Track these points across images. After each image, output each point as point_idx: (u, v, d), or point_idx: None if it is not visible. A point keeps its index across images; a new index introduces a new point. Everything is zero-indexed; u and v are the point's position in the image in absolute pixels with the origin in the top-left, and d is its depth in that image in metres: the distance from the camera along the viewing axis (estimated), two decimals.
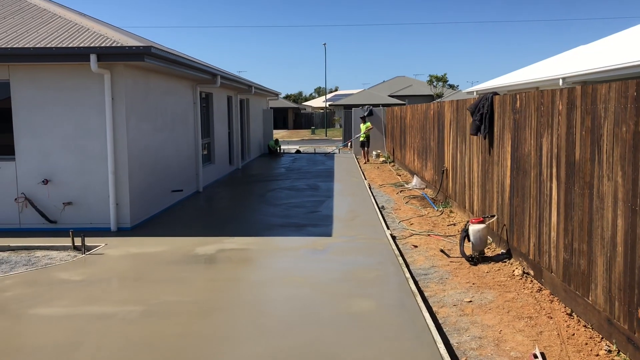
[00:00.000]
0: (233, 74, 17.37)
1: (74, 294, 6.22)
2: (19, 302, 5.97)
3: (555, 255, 5.93)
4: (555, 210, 5.94)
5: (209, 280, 6.73)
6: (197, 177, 13.70)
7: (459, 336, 5.08)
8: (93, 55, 8.61)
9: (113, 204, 9.25)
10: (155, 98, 10.70)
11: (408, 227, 9.79)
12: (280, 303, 5.95)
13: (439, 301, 6.01)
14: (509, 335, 5.07)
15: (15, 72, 9.20)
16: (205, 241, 8.62)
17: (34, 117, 9.25)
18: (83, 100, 9.19)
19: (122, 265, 7.36)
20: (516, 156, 7.21)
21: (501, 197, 7.86)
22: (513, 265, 7.15)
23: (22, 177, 9.36)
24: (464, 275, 6.89)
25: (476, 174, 9.25)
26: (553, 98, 5.99)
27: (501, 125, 7.87)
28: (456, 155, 10.81)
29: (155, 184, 10.67)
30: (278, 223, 10.04)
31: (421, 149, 15.10)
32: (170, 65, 10.10)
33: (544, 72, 16.22)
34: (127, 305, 5.82)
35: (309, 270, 7.09)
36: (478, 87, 21.71)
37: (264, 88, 22.67)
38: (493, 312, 5.65)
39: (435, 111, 13.11)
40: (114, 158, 9.21)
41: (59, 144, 9.28)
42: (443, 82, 55.11)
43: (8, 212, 9.40)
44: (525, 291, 6.23)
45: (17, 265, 7.50)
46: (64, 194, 9.35)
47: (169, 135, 11.54)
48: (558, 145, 5.87)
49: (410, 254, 8.00)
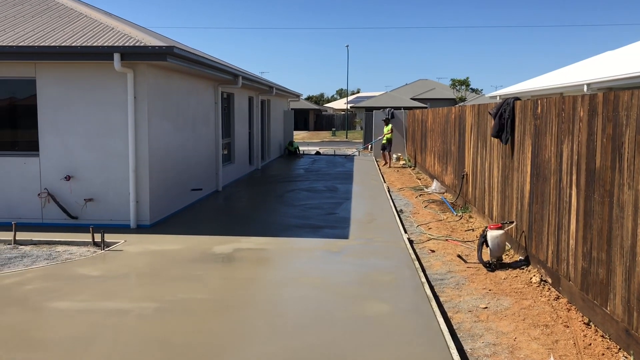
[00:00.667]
0: (254, 75, 17.47)
1: (92, 289, 6.32)
2: (39, 295, 6.08)
3: (574, 263, 5.85)
4: (574, 218, 5.86)
5: (225, 278, 6.78)
6: (217, 176, 13.80)
7: (472, 342, 5.04)
8: (117, 54, 8.74)
9: (133, 201, 9.37)
10: (177, 97, 10.82)
11: (426, 232, 9.74)
12: (295, 304, 5.97)
13: (454, 307, 5.97)
14: (523, 343, 5.01)
15: (41, 70, 9.38)
16: (222, 240, 8.69)
17: (58, 115, 9.42)
18: (106, 99, 9.34)
19: (140, 262, 7.45)
20: (536, 162, 7.13)
21: (520, 203, 7.77)
22: (531, 272, 7.07)
23: (46, 173, 9.53)
24: (481, 282, 6.83)
25: (496, 179, 9.16)
26: (574, 104, 5.91)
27: (522, 130, 7.79)
28: (476, 160, 10.72)
29: (175, 182, 10.78)
30: (295, 224, 10.07)
31: (442, 153, 15.01)
32: (192, 65, 10.20)
33: (568, 77, 16.00)
34: (143, 301, 5.90)
35: (325, 272, 7.10)
36: (501, 91, 21.50)
37: (285, 89, 22.75)
38: (508, 319, 5.60)
39: (457, 115, 13.02)
40: (135, 156, 9.33)
41: (82, 141, 9.43)
42: (466, 85, 54.68)
43: (31, 207, 9.58)
44: (542, 299, 6.15)
45: (38, 259, 7.64)
46: (85, 191, 9.50)
47: (190, 135, 11.65)
48: (578, 152, 5.79)
49: (427, 259, 7.95)
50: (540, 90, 16.70)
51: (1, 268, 7.17)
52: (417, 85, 63.71)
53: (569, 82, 14.66)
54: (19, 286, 6.39)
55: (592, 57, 19.93)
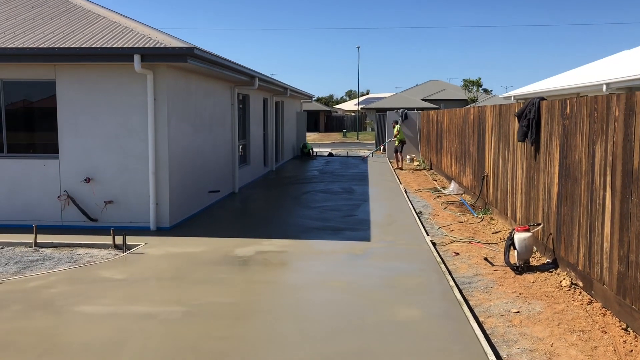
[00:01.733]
0: (269, 77, 17.41)
1: (117, 292, 6.26)
2: (64, 299, 6.03)
3: (608, 267, 5.71)
4: (609, 220, 5.72)
5: (249, 282, 6.70)
6: (234, 178, 13.75)
7: (508, 348, 4.92)
8: (137, 56, 8.70)
9: (153, 204, 9.32)
10: (195, 99, 10.77)
11: (448, 234, 9.61)
12: (323, 308, 5.87)
13: (485, 311, 5.85)
14: (561, 349, 4.88)
15: (61, 71, 9.36)
16: (243, 242, 8.61)
17: (77, 116, 9.39)
18: (126, 100, 9.30)
19: (162, 265, 7.39)
20: (565, 163, 6.99)
21: (547, 205, 7.63)
22: (560, 275, 6.93)
23: (65, 175, 9.51)
24: (510, 285, 6.70)
25: (520, 180, 9.02)
26: (609, 104, 5.78)
27: (549, 131, 7.65)
28: (498, 161, 10.58)
29: (193, 184, 10.73)
30: (314, 226, 9.97)
31: (459, 154, 14.87)
32: (211, 67, 10.14)
33: (586, 77, 15.79)
34: (169, 305, 5.82)
35: (350, 275, 6.99)
36: (515, 92, 21.29)
37: (299, 90, 22.68)
38: (542, 323, 5.47)
39: (476, 116, 12.88)
40: (155, 158, 9.28)
41: (102, 143, 9.40)
42: (477, 86, 54.40)
43: (51, 209, 9.56)
44: (575, 303, 6.02)
45: (60, 262, 7.60)
46: (105, 193, 9.46)
47: (208, 136, 11.60)
48: (613, 152, 5.65)
49: (452, 262, 7.83)
50: (556, 91, 16.50)
51: (24, 271, 7.13)
52: (428, 86, 63.48)
53: (587, 82, 14.45)
54: (44, 289, 6.34)
55: (609, 57, 19.69)
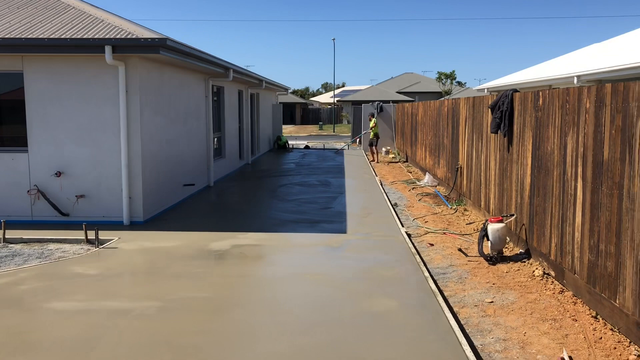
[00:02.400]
0: (244, 68, 17.26)
1: (90, 288, 6.15)
2: (34, 295, 5.90)
3: (579, 256, 5.82)
4: (580, 211, 5.82)
5: (225, 276, 6.65)
6: (209, 171, 13.62)
7: (482, 338, 4.98)
8: (108, 47, 8.53)
9: (126, 198, 9.18)
10: (168, 91, 10.62)
11: (422, 225, 9.68)
12: (299, 300, 5.87)
13: (460, 301, 5.91)
14: (534, 337, 4.96)
15: (29, 63, 9.12)
16: (218, 236, 8.54)
17: (47, 109, 9.18)
18: (97, 92, 9.12)
19: (136, 260, 7.29)
20: (537, 154, 7.08)
21: (520, 196, 7.73)
22: (533, 265, 7.03)
23: (35, 169, 9.30)
24: (483, 275, 6.78)
25: (493, 172, 9.12)
26: (580, 96, 5.86)
27: (521, 122, 7.74)
28: (472, 152, 10.68)
29: (167, 177, 10.60)
30: (291, 219, 9.95)
31: (433, 146, 14.97)
32: (185, 58, 10.00)
33: (557, 70, 16.02)
34: (143, 300, 5.75)
35: (326, 267, 7.00)
36: (489, 84, 21.51)
37: (275, 83, 22.55)
38: (515, 313, 5.55)
39: (450, 108, 12.97)
40: (128, 151, 9.13)
41: (73, 136, 9.21)
42: (451, 79, 54.85)
43: (20, 204, 9.34)
44: (547, 292, 6.12)
45: (30, 257, 7.44)
46: (77, 187, 9.28)
47: (182, 129, 11.46)
48: (584, 144, 5.74)
49: (427, 252, 7.89)
50: (528, 83, 16.71)
51: None
52: (403, 79, 63.81)
53: (559, 75, 14.67)
54: (12, 286, 6.20)
55: (580, 50, 20.00)
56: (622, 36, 17.48)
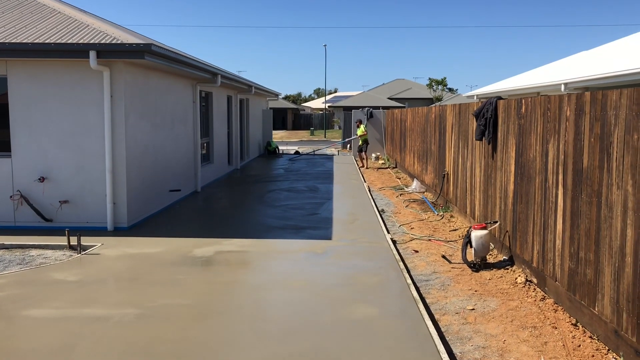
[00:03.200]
0: (233, 74, 17.25)
1: (69, 295, 6.09)
2: (12, 302, 5.84)
3: (560, 263, 5.83)
4: (560, 218, 5.84)
5: (207, 283, 6.61)
6: (196, 176, 13.57)
7: (462, 345, 4.97)
8: (92, 52, 8.49)
9: (110, 203, 9.12)
10: (154, 96, 10.58)
11: (408, 232, 9.68)
12: (280, 308, 5.84)
13: (441, 308, 5.90)
14: (513, 345, 4.96)
15: (13, 67, 9.06)
16: (203, 242, 8.50)
17: (31, 114, 9.12)
18: (82, 97, 9.06)
19: (118, 266, 7.23)
20: (520, 162, 7.11)
21: (504, 202, 7.75)
22: (515, 272, 7.04)
23: (18, 174, 9.22)
24: (466, 282, 6.78)
25: (478, 178, 9.15)
26: (560, 104, 5.89)
27: (505, 130, 7.77)
28: (458, 159, 10.71)
29: (153, 183, 10.54)
30: (277, 225, 9.92)
31: (422, 153, 15.00)
32: (171, 64, 9.97)
33: (545, 77, 16.13)
34: (122, 307, 5.70)
35: (309, 274, 6.97)
36: (478, 91, 21.62)
37: (264, 88, 22.55)
38: (496, 320, 5.55)
39: (437, 115, 13.01)
40: (112, 156, 9.08)
41: (57, 141, 9.14)
42: (442, 85, 55.08)
43: (3, 210, 9.26)
44: (529, 300, 6.13)
45: (10, 264, 7.37)
46: (60, 192, 9.21)
47: (168, 134, 11.41)
48: (565, 151, 5.76)
49: (411, 259, 7.89)
50: (517, 90, 16.81)
51: None
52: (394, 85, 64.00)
53: (546, 82, 14.77)
54: None
55: (568, 57, 20.16)
56: (610, 44, 17.64)
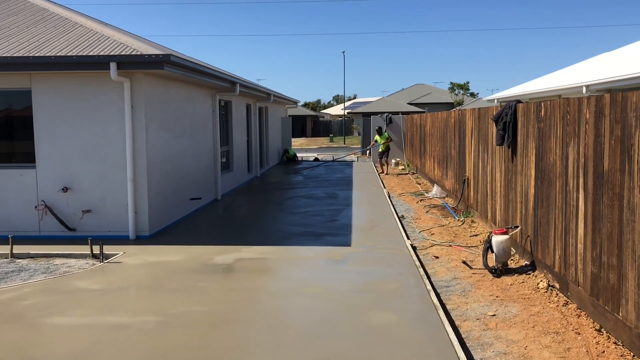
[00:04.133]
0: (252, 82, 17.39)
1: (92, 303, 6.18)
2: (37, 310, 5.95)
3: (583, 268, 5.74)
4: (582, 222, 5.76)
5: (227, 290, 6.65)
6: (216, 185, 13.68)
7: (482, 352, 4.92)
8: (113, 64, 8.64)
9: (132, 212, 9.25)
10: (174, 106, 10.72)
11: (429, 237, 9.63)
12: (299, 315, 5.85)
13: (462, 314, 5.85)
14: (535, 351, 4.89)
15: (37, 80, 9.27)
16: (223, 250, 8.56)
17: (54, 125, 9.30)
18: (103, 108, 9.22)
19: (139, 274, 7.32)
20: (541, 166, 7.03)
21: (525, 207, 7.67)
22: (537, 277, 6.95)
23: (42, 185, 9.40)
24: (487, 288, 6.71)
25: (499, 183, 9.07)
26: (580, 106, 5.82)
27: (525, 133, 7.70)
28: (478, 164, 10.63)
29: (174, 191, 10.66)
30: (296, 232, 9.94)
31: (441, 158, 14.92)
32: (190, 74, 10.10)
33: (566, 79, 15.96)
34: (144, 315, 5.76)
35: (328, 281, 6.97)
36: (499, 94, 21.47)
37: (283, 96, 22.67)
38: (518, 326, 5.48)
39: (457, 119, 12.94)
40: (133, 166, 9.21)
41: (79, 151, 9.31)
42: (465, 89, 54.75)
43: (28, 220, 9.45)
44: (551, 305, 6.04)
45: (36, 273, 7.50)
46: (83, 202, 9.37)
47: (188, 143, 11.54)
48: (585, 154, 5.69)
49: (432, 265, 7.84)
50: (538, 93, 16.66)
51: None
52: (414, 90, 63.77)
53: (567, 84, 14.62)
54: (16, 302, 6.25)
55: (590, 59, 19.91)
56: (634, 44, 17.39)
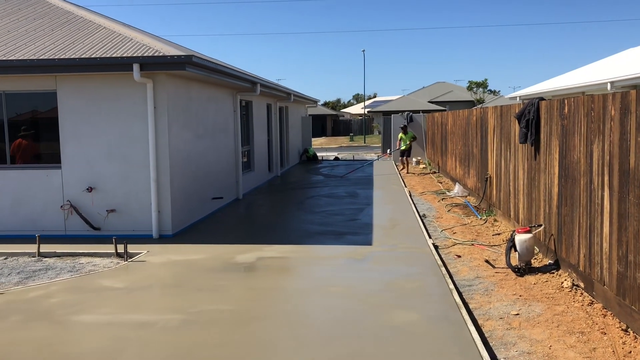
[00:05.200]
0: (272, 82, 17.46)
1: (117, 301, 6.28)
2: (64, 308, 6.06)
3: (608, 267, 5.66)
4: (607, 220, 5.67)
5: (249, 288, 6.70)
6: (237, 184, 13.78)
7: (506, 351, 4.88)
8: (136, 65, 8.76)
9: (155, 211, 9.36)
10: (196, 106, 10.82)
11: (451, 236, 9.57)
12: (320, 313, 5.86)
13: (485, 314, 5.81)
14: (559, 351, 4.83)
15: (62, 82, 9.44)
16: (244, 249, 8.62)
17: (79, 126, 9.47)
18: (126, 109, 9.36)
19: (163, 273, 7.41)
20: (564, 163, 6.94)
21: (548, 205, 7.58)
22: (562, 276, 6.87)
23: (68, 185, 9.57)
24: (510, 287, 6.65)
25: (521, 181, 8.97)
26: (605, 103, 5.73)
27: (548, 131, 7.60)
28: (500, 162, 10.53)
29: (196, 191, 10.76)
30: (317, 231, 9.97)
31: (463, 156, 14.81)
32: (211, 74, 10.18)
33: (590, 76, 15.70)
34: (167, 313, 5.84)
35: (349, 280, 6.98)
36: (520, 92, 21.21)
37: (303, 95, 22.72)
38: (542, 326, 5.42)
39: (478, 117, 12.83)
40: (156, 166, 9.33)
41: (103, 152, 9.46)
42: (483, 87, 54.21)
43: (54, 219, 9.62)
44: (576, 304, 5.96)
45: (62, 271, 7.65)
46: (107, 202, 9.52)
47: (210, 143, 11.64)
48: (610, 152, 5.60)
49: (454, 264, 7.79)
50: (560, 90, 16.42)
51: (26, 281, 7.18)
52: (434, 88, 63.33)
53: (591, 81, 14.37)
54: (44, 299, 6.38)
55: (614, 55, 19.56)
56: None
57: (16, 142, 9.73)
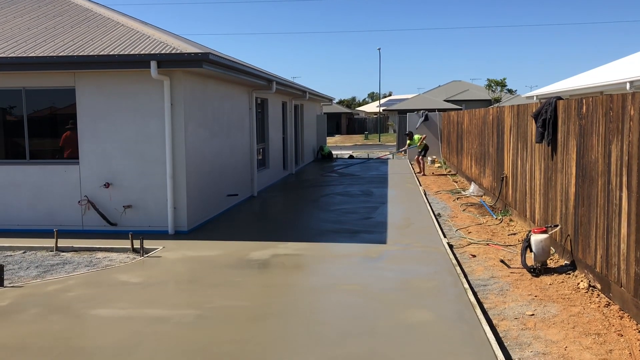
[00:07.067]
0: (288, 80, 17.49)
1: (133, 295, 6.35)
2: (81, 302, 6.14)
3: (626, 268, 5.60)
4: (625, 221, 5.61)
5: (263, 285, 6.73)
6: (252, 181, 13.83)
7: (520, 352, 4.86)
8: (153, 62, 8.83)
9: (171, 208, 9.44)
10: (212, 104, 10.88)
11: (466, 236, 9.53)
12: (335, 311, 5.88)
13: (500, 314, 5.78)
14: (575, 352, 4.80)
15: (81, 79, 9.54)
16: (259, 246, 8.66)
17: (97, 123, 9.57)
18: (143, 106, 9.44)
19: (178, 268, 7.47)
20: (582, 163, 6.88)
21: (565, 205, 7.51)
22: (578, 277, 6.81)
23: (85, 181, 9.68)
24: (526, 287, 6.61)
25: (538, 181, 8.90)
26: (624, 102, 5.67)
27: (565, 131, 7.54)
28: (516, 161, 10.45)
29: (211, 188, 10.83)
30: (331, 229, 9.98)
31: (479, 155, 14.73)
32: (227, 72, 10.23)
33: (608, 75, 15.51)
34: (183, 308, 5.89)
35: (364, 278, 6.98)
36: (538, 91, 21.01)
37: (318, 93, 22.73)
38: (557, 326, 5.38)
39: (495, 116, 12.75)
40: (173, 162, 9.40)
41: (120, 148, 9.55)
42: (502, 86, 53.78)
43: (72, 214, 9.74)
44: (592, 305, 5.91)
45: (79, 266, 7.74)
46: (124, 197, 9.61)
47: (225, 140, 11.70)
48: (629, 152, 5.54)
49: (469, 264, 7.76)
50: (578, 89, 16.24)
51: (44, 275, 7.29)
52: (450, 87, 62.98)
53: (610, 81, 14.20)
54: (62, 293, 6.47)
55: (633, 54, 19.30)
56: None
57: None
